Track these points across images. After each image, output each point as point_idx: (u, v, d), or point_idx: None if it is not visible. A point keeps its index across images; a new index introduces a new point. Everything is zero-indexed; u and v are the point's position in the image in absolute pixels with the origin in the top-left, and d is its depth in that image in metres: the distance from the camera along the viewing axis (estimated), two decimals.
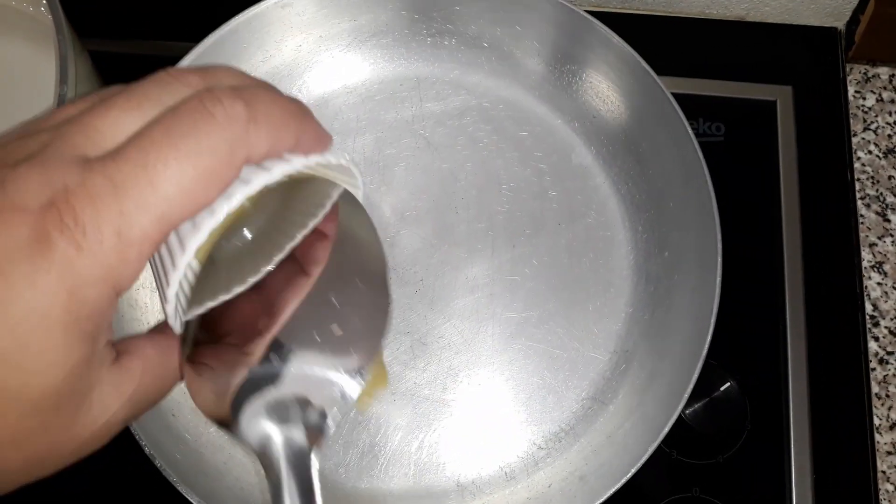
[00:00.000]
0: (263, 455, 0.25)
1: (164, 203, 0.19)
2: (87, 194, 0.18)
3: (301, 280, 0.26)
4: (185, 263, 0.21)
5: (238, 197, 0.21)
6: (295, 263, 0.26)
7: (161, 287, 0.22)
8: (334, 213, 0.26)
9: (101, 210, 0.18)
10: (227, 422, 0.25)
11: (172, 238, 0.21)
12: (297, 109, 0.22)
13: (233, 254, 0.25)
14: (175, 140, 0.19)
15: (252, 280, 0.25)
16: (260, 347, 0.26)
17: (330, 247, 0.26)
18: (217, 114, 0.20)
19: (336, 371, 0.27)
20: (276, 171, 0.21)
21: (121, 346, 0.22)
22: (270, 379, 0.26)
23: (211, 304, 0.24)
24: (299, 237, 0.25)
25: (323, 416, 0.26)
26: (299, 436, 0.26)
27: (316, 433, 0.26)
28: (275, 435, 0.25)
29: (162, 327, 0.24)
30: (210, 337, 0.26)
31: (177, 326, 0.23)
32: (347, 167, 0.24)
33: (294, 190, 0.25)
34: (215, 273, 0.25)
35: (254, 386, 0.26)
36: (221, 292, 0.25)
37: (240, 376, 0.26)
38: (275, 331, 0.26)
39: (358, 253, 0.28)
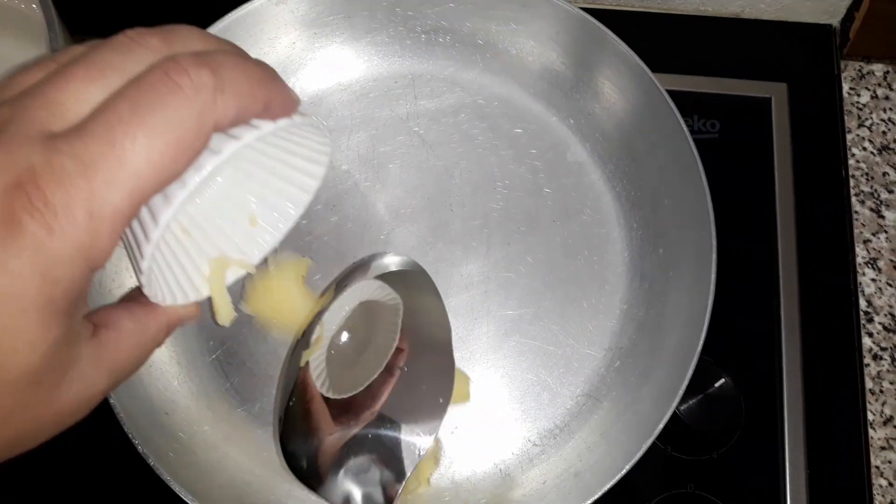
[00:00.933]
0: None
1: (134, 179, 0.19)
2: (55, 174, 0.18)
3: (389, 380, 0.34)
4: (158, 236, 0.21)
5: (208, 167, 0.21)
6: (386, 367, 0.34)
7: (135, 259, 0.22)
8: (404, 335, 0.34)
9: (70, 190, 0.18)
10: (318, 480, 0.32)
11: (144, 212, 0.21)
12: (264, 74, 0.22)
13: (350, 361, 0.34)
14: (142, 114, 0.19)
15: (366, 384, 0.34)
16: (358, 428, 0.33)
17: (406, 357, 0.34)
18: (183, 84, 0.19)
19: (414, 434, 0.33)
20: (246, 139, 0.21)
21: (97, 319, 0.22)
22: (361, 444, 0.33)
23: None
24: (389, 354, 0.34)
25: (401, 473, 0.32)
26: (378, 495, 0.31)
27: (392, 488, 0.32)
28: (355, 493, 0.31)
29: (137, 296, 0.24)
30: (332, 412, 0.33)
31: (152, 295, 0.23)
32: (316, 126, 0.24)
33: (372, 311, 0.34)
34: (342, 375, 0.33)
35: (347, 451, 0.33)
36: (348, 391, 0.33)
37: (337, 446, 0.32)
38: (370, 419, 0.33)
39: (429, 328, 0.35)
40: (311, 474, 0.31)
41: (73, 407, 0.21)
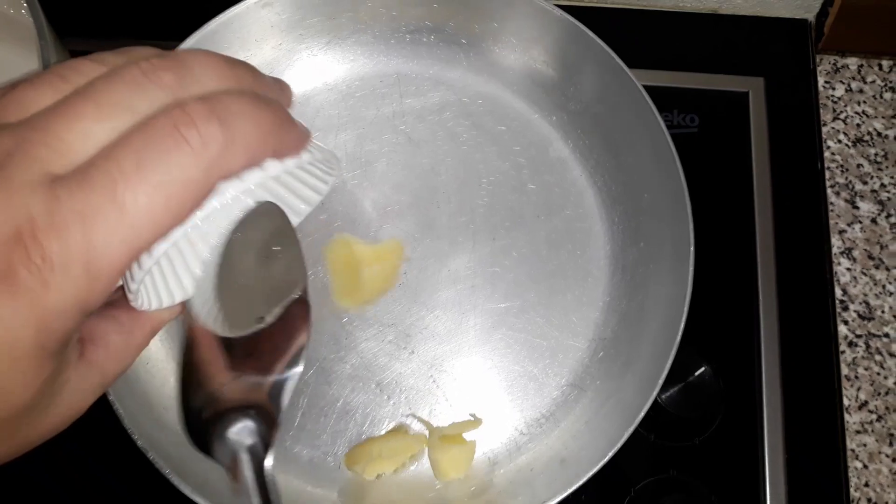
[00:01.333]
0: (235, 469, 0.26)
1: (134, 234, 0.18)
2: (55, 227, 0.17)
3: (303, 309, 0.27)
4: (150, 265, 0.21)
5: (211, 206, 0.21)
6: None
7: (125, 281, 0.22)
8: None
9: (69, 244, 0.17)
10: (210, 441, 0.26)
11: None
12: (275, 120, 0.21)
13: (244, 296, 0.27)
14: (145, 169, 0.18)
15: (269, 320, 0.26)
16: (280, 367, 0.26)
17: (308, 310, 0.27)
18: (191, 138, 0.19)
19: (284, 373, 0.27)
20: (250, 181, 0.21)
21: (84, 333, 0.22)
22: (239, 390, 0.27)
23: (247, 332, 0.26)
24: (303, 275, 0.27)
25: (273, 421, 0.27)
26: (259, 448, 0.26)
27: (268, 437, 0.27)
28: (241, 451, 0.26)
29: (121, 301, 0.24)
30: (237, 353, 0.26)
31: (139, 304, 0.24)
32: (321, 156, 0.25)
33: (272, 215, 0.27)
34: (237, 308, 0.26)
35: (227, 402, 0.26)
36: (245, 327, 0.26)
37: (223, 397, 0.26)
38: (291, 355, 0.27)
39: (283, 268, 0.28)
40: (203, 437, 0.26)
41: (61, 424, 0.21)
